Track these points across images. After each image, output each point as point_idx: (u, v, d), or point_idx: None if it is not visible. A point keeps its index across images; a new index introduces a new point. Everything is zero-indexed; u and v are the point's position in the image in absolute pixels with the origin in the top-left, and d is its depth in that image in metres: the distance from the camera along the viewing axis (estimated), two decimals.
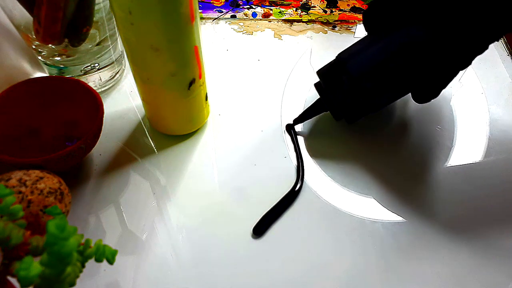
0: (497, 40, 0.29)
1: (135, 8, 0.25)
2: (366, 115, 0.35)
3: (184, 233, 0.31)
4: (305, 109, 0.37)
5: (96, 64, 0.37)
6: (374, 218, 0.32)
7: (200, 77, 0.32)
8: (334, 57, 0.34)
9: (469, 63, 0.29)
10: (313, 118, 0.38)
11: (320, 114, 0.37)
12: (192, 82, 0.31)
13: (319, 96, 0.36)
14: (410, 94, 0.34)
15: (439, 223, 0.32)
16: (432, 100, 0.33)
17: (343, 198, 0.33)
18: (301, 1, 0.53)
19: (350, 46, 0.34)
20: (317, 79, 0.36)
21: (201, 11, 0.51)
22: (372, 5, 0.32)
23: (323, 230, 0.31)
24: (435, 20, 0.28)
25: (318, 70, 0.35)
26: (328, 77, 0.34)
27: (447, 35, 0.28)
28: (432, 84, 0.31)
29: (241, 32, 0.49)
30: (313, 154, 0.36)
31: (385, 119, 0.39)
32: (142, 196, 0.33)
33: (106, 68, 0.39)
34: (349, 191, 0.34)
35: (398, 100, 0.37)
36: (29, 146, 0.33)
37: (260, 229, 0.31)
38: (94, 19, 0.33)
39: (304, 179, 0.34)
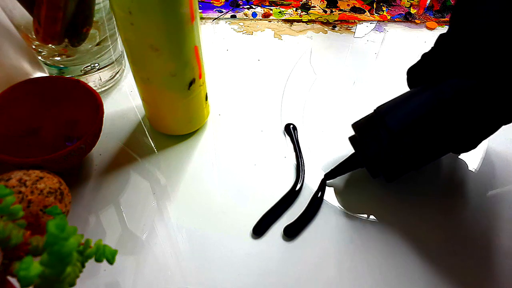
0: None
1: (135, 8, 0.25)
2: (407, 173, 0.31)
3: (184, 233, 0.31)
4: (338, 163, 0.34)
5: (96, 64, 0.37)
6: (373, 218, 0.32)
7: (200, 77, 0.32)
8: (334, 57, 0.33)
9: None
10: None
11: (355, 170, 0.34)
12: (192, 82, 0.31)
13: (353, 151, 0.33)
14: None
15: None
16: None
17: (344, 197, 0.33)
18: (301, 1, 0.53)
19: (389, 100, 0.31)
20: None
21: (201, 11, 0.51)
22: (420, 62, 0.31)
23: (323, 230, 0.31)
24: (486, 73, 0.26)
25: (354, 123, 0.32)
26: (365, 131, 0.31)
27: (498, 88, 0.26)
28: (474, 137, 0.29)
29: (241, 32, 0.49)
30: (347, 206, 0.33)
31: (430, 176, 0.35)
32: (142, 196, 0.33)
33: (106, 68, 0.39)
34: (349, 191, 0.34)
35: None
36: (29, 146, 0.33)
37: (260, 229, 0.31)
38: (94, 19, 0.33)
39: (304, 179, 0.34)
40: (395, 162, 0.30)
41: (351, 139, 0.33)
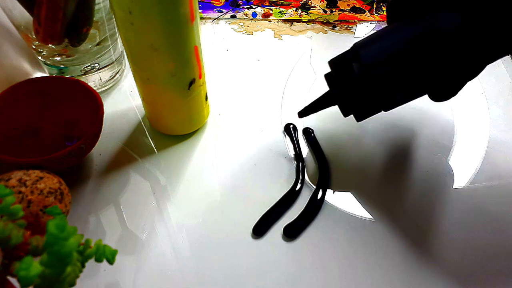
0: None
1: (135, 8, 0.25)
2: (376, 113, 0.31)
3: (184, 233, 0.31)
4: (312, 101, 0.33)
5: (96, 64, 0.37)
6: (374, 218, 0.32)
7: (200, 77, 0.32)
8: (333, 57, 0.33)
9: (498, 57, 0.26)
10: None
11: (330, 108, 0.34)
12: (192, 82, 0.31)
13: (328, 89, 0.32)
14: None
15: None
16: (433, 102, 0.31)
17: (343, 197, 0.33)
18: (301, 1, 0.53)
19: (368, 35, 0.30)
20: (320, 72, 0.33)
21: (201, 11, 0.51)
22: None
23: (323, 230, 0.31)
24: (472, 7, 0.25)
25: (330, 60, 0.31)
26: (339, 66, 0.30)
27: (483, 24, 0.24)
28: (453, 79, 0.28)
29: (241, 32, 0.49)
30: (324, 143, 0.37)
31: (394, 120, 0.39)
32: (142, 196, 0.33)
33: (106, 68, 0.39)
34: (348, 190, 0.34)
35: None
36: (29, 146, 0.33)
37: (260, 229, 0.31)
38: (94, 19, 0.33)
39: (304, 179, 0.34)
40: (365, 98, 0.29)
41: (326, 76, 0.32)
